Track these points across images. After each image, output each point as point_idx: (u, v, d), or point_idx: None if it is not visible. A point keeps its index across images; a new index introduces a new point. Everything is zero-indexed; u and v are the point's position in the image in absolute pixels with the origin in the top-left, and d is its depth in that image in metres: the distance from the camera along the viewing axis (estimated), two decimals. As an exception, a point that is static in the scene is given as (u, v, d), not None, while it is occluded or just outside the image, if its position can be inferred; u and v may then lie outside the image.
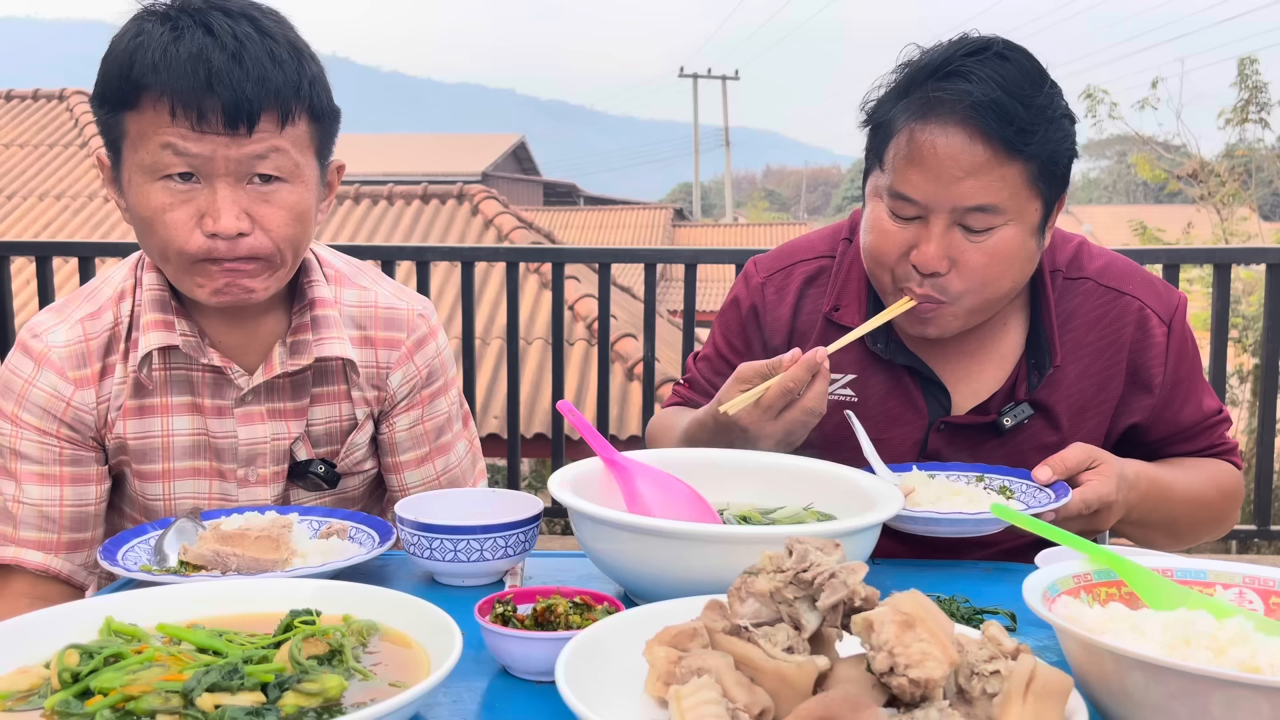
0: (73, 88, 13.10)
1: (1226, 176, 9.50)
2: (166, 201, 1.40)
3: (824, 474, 1.44)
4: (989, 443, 1.63)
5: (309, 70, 1.44)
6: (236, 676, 0.91)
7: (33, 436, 1.51)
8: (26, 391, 1.51)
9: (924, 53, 1.53)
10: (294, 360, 1.55)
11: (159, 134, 1.38)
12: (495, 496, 1.45)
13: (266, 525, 1.36)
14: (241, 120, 1.37)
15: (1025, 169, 1.46)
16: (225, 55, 1.36)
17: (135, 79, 1.37)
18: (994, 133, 1.43)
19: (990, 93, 1.43)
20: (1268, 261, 3.87)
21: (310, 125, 1.46)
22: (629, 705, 0.93)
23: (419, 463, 1.69)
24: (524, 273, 8.20)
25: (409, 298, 1.68)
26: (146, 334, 1.50)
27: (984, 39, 1.50)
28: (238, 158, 1.39)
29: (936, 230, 1.47)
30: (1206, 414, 1.68)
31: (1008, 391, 1.62)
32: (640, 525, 1.16)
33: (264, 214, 1.43)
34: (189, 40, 1.36)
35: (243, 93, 1.36)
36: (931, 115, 1.46)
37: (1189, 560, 1.13)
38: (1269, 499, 3.99)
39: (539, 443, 6.62)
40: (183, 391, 1.55)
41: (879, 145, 1.53)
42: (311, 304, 1.57)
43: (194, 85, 1.35)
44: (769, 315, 1.73)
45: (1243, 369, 7.75)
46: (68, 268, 6.59)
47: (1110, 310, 1.63)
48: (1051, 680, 0.83)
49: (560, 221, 26.63)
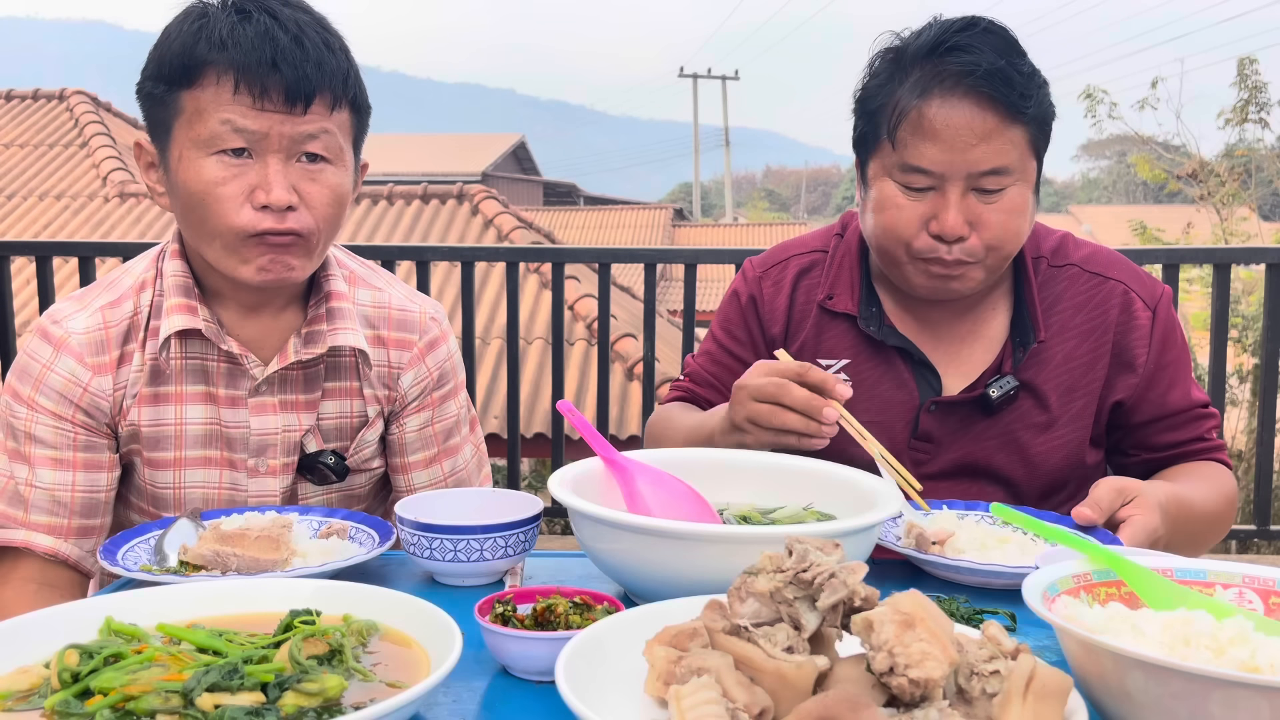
0: (73, 88, 13.10)
1: (1226, 176, 9.49)
2: (220, 176, 1.45)
3: (824, 474, 1.44)
4: (980, 423, 1.67)
5: (354, 66, 1.54)
6: (236, 676, 0.91)
7: (48, 421, 1.52)
8: (44, 376, 1.53)
9: (912, 34, 1.61)
10: (308, 349, 1.58)
11: (219, 110, 1.44)
12: (495, 496, 1.46)
13: (266, 525, 1.36)
14: (300, 99, 1.45)
15: (1026, 130, 1.55)
16: (289, 37, 1.45)
17: (200, 56, 1.44)
18: (1001, 98, 1.52)
19: (994, 61, 1.52)
20: (1267, 261, 3.87)
21: (351, 116, 1.55)
22: (629, 705, 0.93)
23: (427, 464, 1.72)
24: (524, 273, 8.21)
25: (421, 300, 1.72)
26: (169, 317, 1.53)
27: (968, 16, 1.58)
28: (291, 135, 1.46)
29: (954, 197, 1.54)
30: (1194, 402, 1.70)
31: (994, 370, 1.67)
32: (640, 525, 1.16)
33: (310, 191, 1.49)
34: (256, 22, 1.45)
35: (303, 72, 1.44)
36: (938, 89, 1.53)
37: (1189, 560, 1.13)
38: (1269, 499, 3.98)
39: (539, 443, 6.63)
40: (198, 380, 1.58)
41: (882, 126, 1.58)
42: (327, 296, 1.61)
43: (260, 61, 1.43)
44: (766, 307, 1.79)
45: (1242, 369, 7.75)
46: (68, 268, 6.59)
47: (1096, 294, 1.69)
48: (1051, 680, 0.83)
49: (560, 221, 26.64)
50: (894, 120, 1.56)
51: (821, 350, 1.73)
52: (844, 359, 1.71)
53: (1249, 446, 6.66)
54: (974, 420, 1.67)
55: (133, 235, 9.78)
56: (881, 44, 1.64)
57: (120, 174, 11.14)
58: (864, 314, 1.70)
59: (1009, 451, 1.67)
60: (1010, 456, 1.67)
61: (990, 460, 1.67)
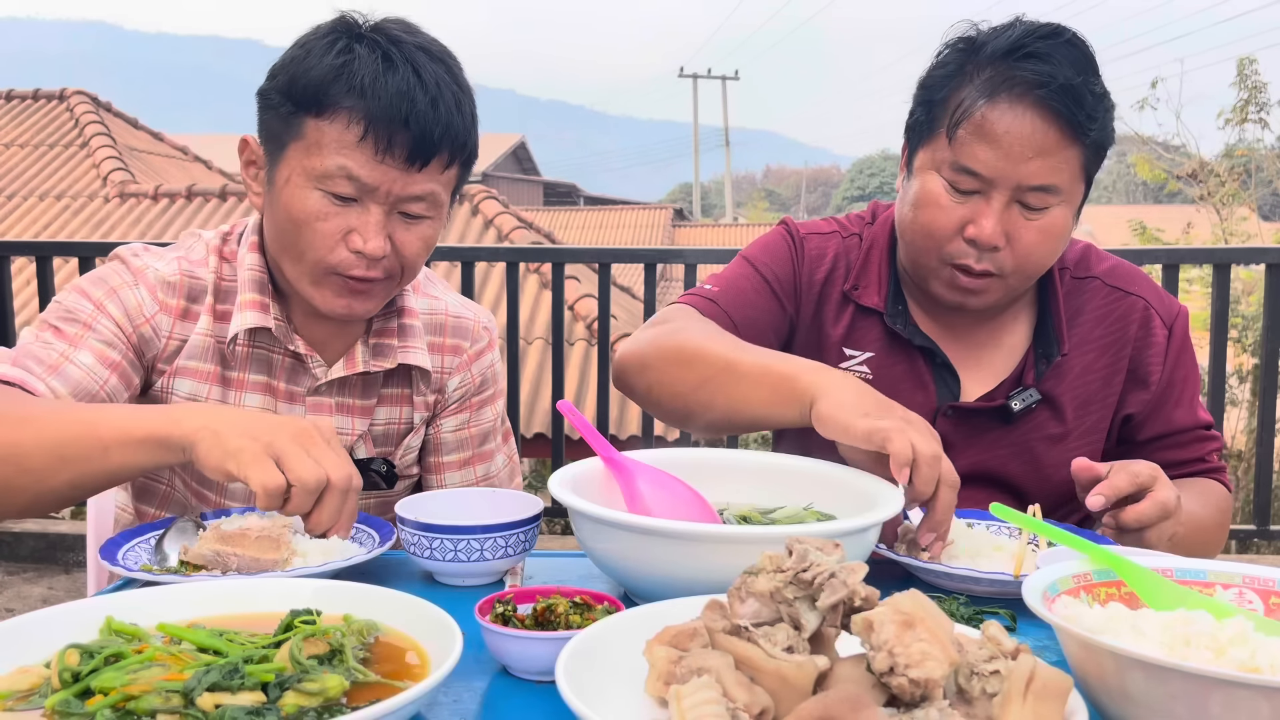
0: (73, 88, 13.10)
1: (1226, 176, 9.48)
2: (324, 210, 1.46)
3: (824, 474, 1.44)
4: (994, 431, 1.65)
5: (475, 125, 1.53)
6: (237, 676, 0.91)
7: (108, 324, 1.53)
8: (120, 290, 1.55)
9: (991, 30, 1.56)
10: (376, 362, 1.62)
11: (340, 152, 1.43)
12: (495, 496, 1.46)
13: (266, 525, 1.36)
14: (419, 159, 1.45)
15: (1083, 153, 1.51)
16: (427, 97, 1.44)
17: (334, 94, 1.43)
18: (1066, 116, 1.47)
19: (1070, 76, 1.47)
20: (1267, 261, 3.88)
21: (460, 171, 1.54)
22: (629, 705, 0.93)
23: (461, 465, 1.76)
24: (524, 273, 8.20)
25: (474, 308, 1.77)
26: (242, 312, 1.55)
27: (1053, 25, 1.54)
28: (400, 193, 1.46)
29: (997, 206, 1.51)
30: (1200, 422, 1.70)
31: (1015, 379, 1.66)
32: (640, 525, 1.16)
33: (403, 240, 1.50)
34: (400, 76, 1.43)
35: (431, 134, 1.44)
36: (1006, 93, 1.49)
37: (1189, 560, 1.13)
38: (1269, 499, 3.98)
39: (539, 443, 6.62)
40: (260, 371, 1.60)
41: (941, 119, 1.54)
42: (401, 312, 1.65)
43: (393, 118, 1.42)
44: (807, 268, 1.73)
45: (1242, 369, 7.74)
46: (68, 268, 6.59)
47: (1117, 308, 1.67)
48: (1051, 680, 0.83)
49: (560, 221, 26.63)
50: (956, 116, 1.52)
51: (850, 340, 1.71)
52: (869, 352, 1.69)
53: (1249, 446, 6.65)
54: (989, 428, 1.66)
55: (133, 235, 9.78)
56: (957, 31, 1.58)
57: (120, 174, 11.14)
58: (890, 311, 1.68)
59: (1022, 461, 1.66)
60: (1023, 466, 1.66)
61: (1003, 469, 1.67)
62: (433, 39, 1.53)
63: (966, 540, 1.38)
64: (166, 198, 10.79)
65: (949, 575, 1.29)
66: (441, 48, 1.52)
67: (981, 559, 1.35)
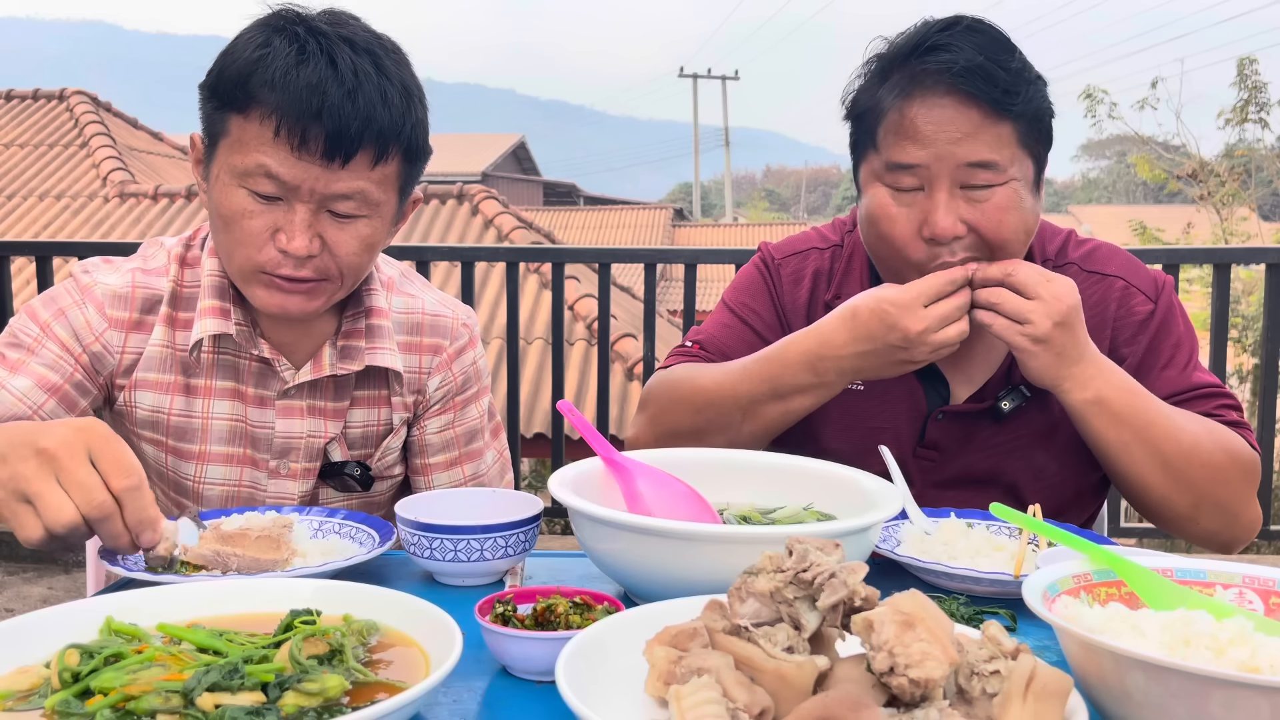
0: (73, 88, 13.10)
1: (1226, 176, 9.49)
2: (249, 208, 1.44)
3: (824, 474, 1.44)
4: (985, 430, 1.65)
5: (415, 114, 1.47)
6: (237, 676, 0.91)
7: (54, 348, 1.53)
8: (68, 310, 1.55)
9: (895, 37, 1.58)
10: (344, 364, 1.59)
11: (259, 149, 1.41)
12: (495, 496, 1.45)
13: (266, 525, 1.36)
14: (339, 154, 1.40)
15: (1014, 128, 1.51)
16: (341, 91, 1.39)
17: (251, 89, 1.40)
18: (982, 95, 1.48)
19: (973, 59, 1.49)
20: (1267, 261, 3.88)
21: (401, 165, 1.49)
22: (629, 705, 0.93)
23: (448, 466, 1.73)
24: (524, 273, 8.20)
25: (453, 306, 1.73)
26: (202, 319, 1.53)
27: (952, 16, 1.56)
28: (323, 191, 1.43)
29: (941, 197, 1.51)
30: (1195, 383, 1.63)
31: (1002, 378, 1.65)
32: (640, 525, 1.16)
33: (336, 239, 1.46)
34: (311, 68, 1.39)
35: (347, 128, 1.39)
36: (919, 89, 1.51)
37: (1189, 560, 1.13)
38: (1269, 499, 3.99)
39: (539, 443, 6.62)
40: (228, 377, 1.59)
41: (868, 130, 1.57)
42: (368, 312, 1.61)
43: (304, 113, 1.38)
44: (787, 296, 1.76)
45: (1242, 369, 7.75)
46: (68, 268, 6.59)
47: (1094, 292, 1.66)
48: (1051, 680, 0.83)
49: (560, 221, 26.64)
50: (879, 121, 1.54)
51: None
52: None
53: (1249, 446, 6.64)
54: (981, 429, 1.66)
55: (133, 235, 9.78)
56: (872, 50, 1.61)
57: (120, 174, 11.15)
58: None
59: (1016, 459, 1.66)
60: (1018, 464, 1.66)
61: (998, 469, 1.66)
62: (368, 31, 1.47)
63: (966, 540, 1.38)
64: (166, 198, 10.80)
65: (949, 575, 1.29)
66: (374, 39, 1.47)
67: (981, 559, 1.35)
